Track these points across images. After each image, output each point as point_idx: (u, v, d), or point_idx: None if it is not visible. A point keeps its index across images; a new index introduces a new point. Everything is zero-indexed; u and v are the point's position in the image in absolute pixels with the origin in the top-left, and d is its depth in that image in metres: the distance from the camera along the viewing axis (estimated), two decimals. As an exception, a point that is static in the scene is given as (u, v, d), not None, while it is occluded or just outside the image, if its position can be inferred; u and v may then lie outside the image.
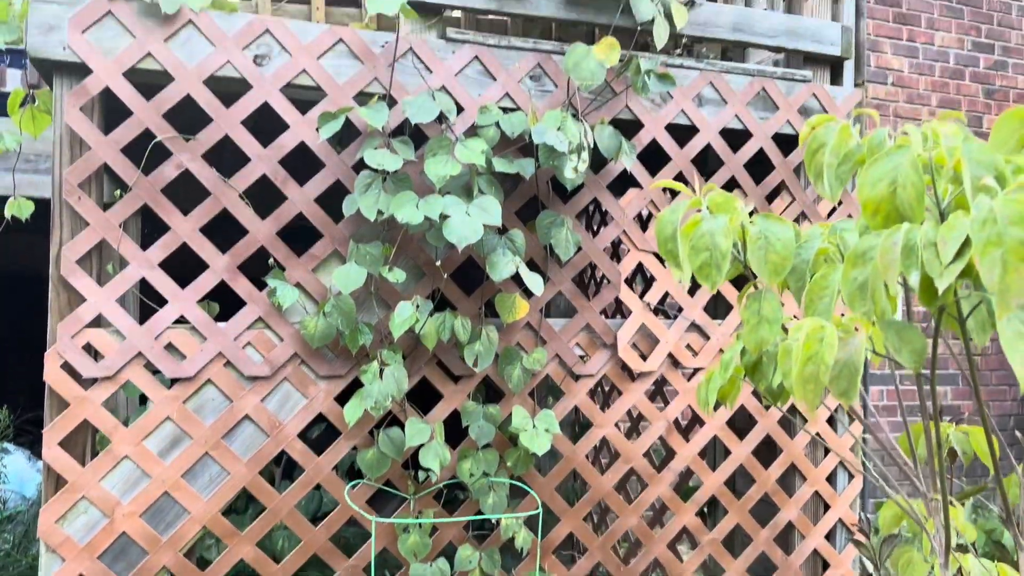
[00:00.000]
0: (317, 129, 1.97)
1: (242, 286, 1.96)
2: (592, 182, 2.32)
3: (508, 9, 2.24)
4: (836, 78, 2.54)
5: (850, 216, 2.47)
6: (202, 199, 1.94)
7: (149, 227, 2.14)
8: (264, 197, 2.10)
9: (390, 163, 1.93)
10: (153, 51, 1.87)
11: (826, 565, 2.52)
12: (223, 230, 2.10)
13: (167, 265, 1.93)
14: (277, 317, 1.99)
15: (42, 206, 2.30)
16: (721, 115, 2.38)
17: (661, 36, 2.19)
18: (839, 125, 0.99)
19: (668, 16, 2.26)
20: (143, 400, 2.07)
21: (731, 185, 2.45)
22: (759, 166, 2.50)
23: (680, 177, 2.40)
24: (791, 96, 2.44)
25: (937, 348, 0.99)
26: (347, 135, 2.08)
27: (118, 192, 1.91)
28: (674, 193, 2.95)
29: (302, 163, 2.15)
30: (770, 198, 2.47)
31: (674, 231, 1.01)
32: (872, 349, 0.89)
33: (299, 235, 2.19)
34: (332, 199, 2.08)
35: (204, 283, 1.94)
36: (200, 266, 1.97)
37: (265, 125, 2.12)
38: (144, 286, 1.97)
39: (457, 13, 2.36)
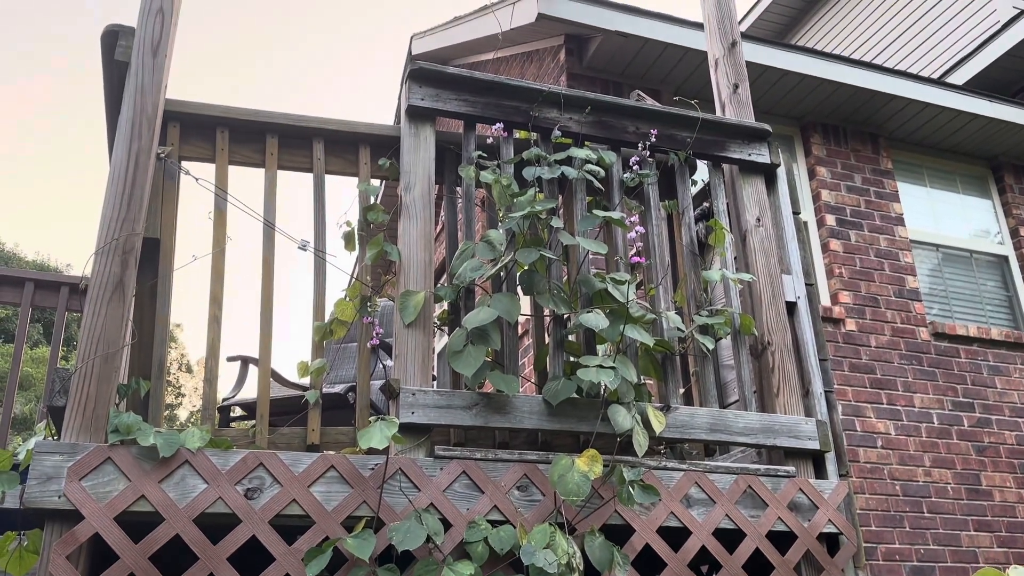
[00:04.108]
0: (303, 561, 1.95)
1: None
2: (587, 593, 2.24)
3: (493, 423, 2.34)
4: (820, 470, 2.59)
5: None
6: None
7: None
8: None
9: (376, 596, 1.88)
10: (147, 494, 1.93)
11: None
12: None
13: None
14: None
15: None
16: (712, 515, 2.38)
17: (641, 444, 2.27)
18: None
19: (646, 423, 2.37)
20: None
21: (732, 587, 2.36)
22: (758, 563, 2.44)
23: (678, 582, 2.33)
24: (778, 492, 2.46)
25: None
26: (335, 558, 2.06)
27: (91, 644, 1.84)
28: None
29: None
30: (774, 600, 2.37)
31: None
32: None
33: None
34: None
35: None
36: None
37: (249, 547, 2.11)
38: None
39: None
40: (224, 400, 3.73)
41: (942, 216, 6.23)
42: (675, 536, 2.37)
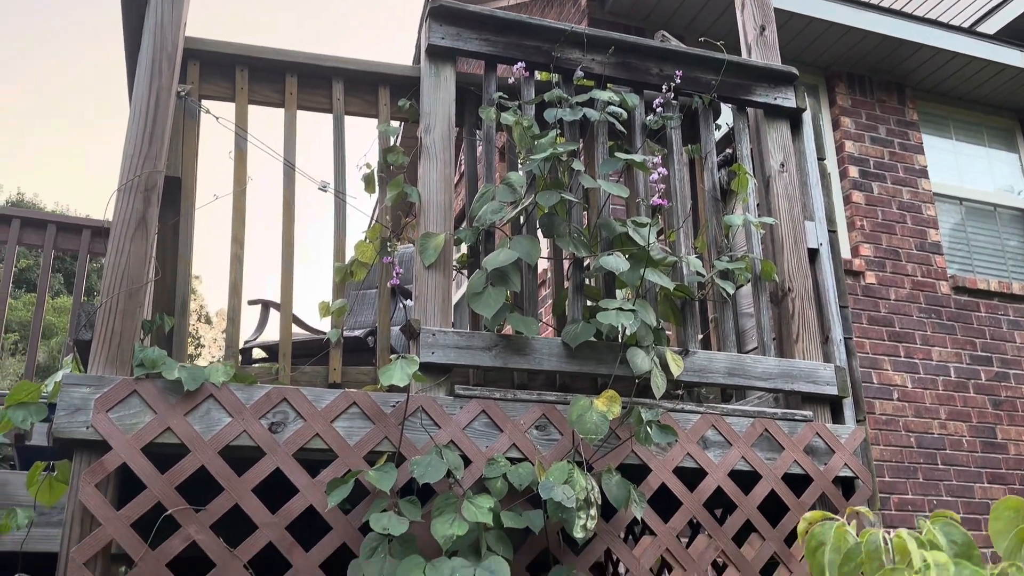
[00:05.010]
0: (326, 492, 1.99)
1: (238, 666, 1.86)
2: (604, 531, 2.28)
3: (513, 365, 2.36)
4: (837, 415, 2.59)
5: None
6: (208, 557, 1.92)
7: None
8: (269, 556, 2.07)
9: (396, 527, 1.92)
10: (172, 426, 1.96)
11: None
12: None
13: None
14: None
15: (54, 560, 2.26)
16: (728, 457, 2.40)
17: (659, 386, 2.28)
18: (835, 524, 1.00)
19: (664, 366, 2.37)
20: None
21: (747, 528, 2.39)
22: (773, 504, 2.46)
23: (693, 522, 2.36)
24: (795, 436, 2.47)
25: None
26: (356, 492, 2.10)
27: (123, 569, 1.89)
28: (695, 529, 2.87)
29: (309, 513, 2.14)
30: (789, 541, 2.40)
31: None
32: None
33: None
34: (338, 558, 2.04)
35: (199, 665, 1.84)
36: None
37: (275, 476, 2.15)
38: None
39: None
40: (245, 343, 3.77)
41: (966, 169, 6.13)
42: (691, 477, 2.39)
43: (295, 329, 4.19)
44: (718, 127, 2.87)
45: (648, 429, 2.22)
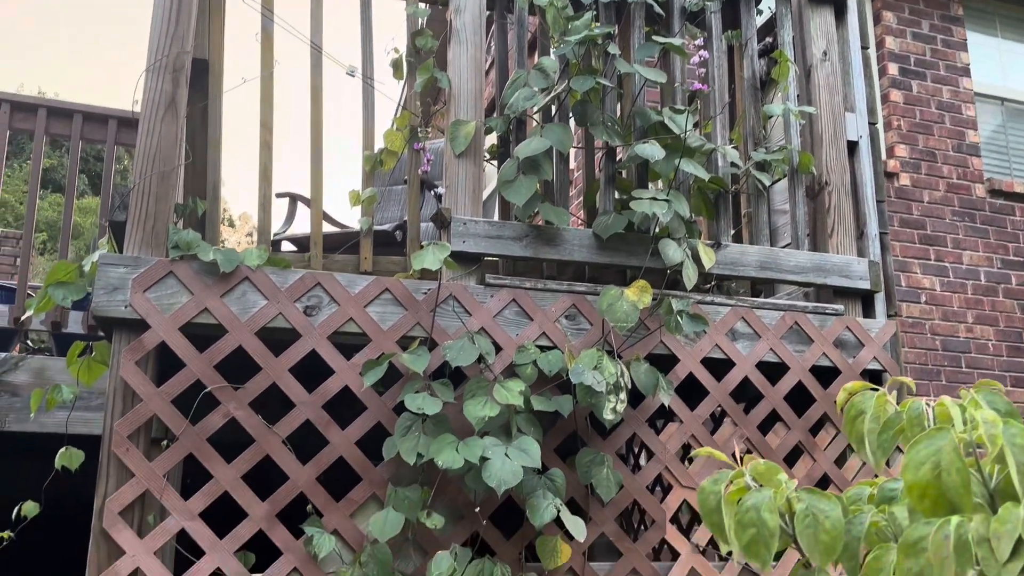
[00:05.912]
0: (361, 374, 2.03)
1: (279, 535, 1.93)
2: (631, 417, 2.31)
3: (543, 255, 2.35)
4: (868, 310, 2.58)
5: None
6: (244, 440, 1.97)
7: (191, 476, 2.16)
8: (305, 437, 2.13)
9: (430, 407, 1.96)
10: (209, 306, 1.99)
11: None
12: (262, 468, 2.10)
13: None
14: (312, 567, 1.94)
15: (92, 443, 2.34)
16: (756, 349, 2.41)
17: (690, 277, 2.27)
18: (876, 393, 1.00)
19: (696, 258, 2.36)
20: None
21: (773, 418, 2.42)
22: (799, 396, 2.48)
23: (716, 415, 2.39)
24: (825, 329, 2.47)
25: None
26: (389, 375, 2.13)
27: (165, 442, 1.95)
28: (716, 423, 2.91)
29: (342, 402, 2.19)
30: (814, 431, 2.43)
31: (718, 503, 1.00)
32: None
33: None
34: (373, 439, 2.09)
35: (243, 532, 1.92)
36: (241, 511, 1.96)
37: (309, 363, 2.19)
38: (182, 533, 1.95)
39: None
40: (275, 235, 3.78)
41: (1011, 68, 5.89)
42: (718, 368, 2.40)
43: (324, 225, 4.19)
44: (759, 12, 2.76)
45: (679, 318, 2.22)
